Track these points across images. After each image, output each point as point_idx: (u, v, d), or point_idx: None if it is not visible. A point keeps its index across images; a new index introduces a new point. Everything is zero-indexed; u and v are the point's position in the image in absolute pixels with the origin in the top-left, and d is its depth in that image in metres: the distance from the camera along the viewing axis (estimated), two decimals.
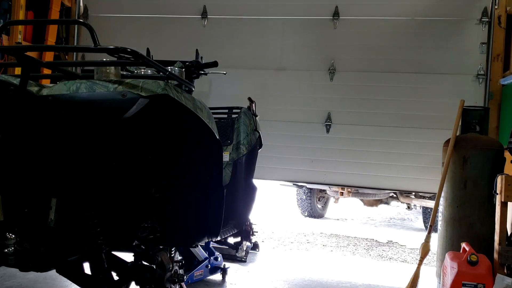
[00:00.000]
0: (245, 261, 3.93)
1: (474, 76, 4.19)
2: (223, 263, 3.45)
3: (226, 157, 2.85)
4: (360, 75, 4.38)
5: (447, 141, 3.17)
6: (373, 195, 6.38)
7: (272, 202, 8.69)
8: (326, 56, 4.44)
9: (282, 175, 4.81)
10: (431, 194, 6.01)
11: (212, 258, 3.32)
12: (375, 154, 4.41)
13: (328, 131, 4.53)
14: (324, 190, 6.92)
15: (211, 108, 2.24)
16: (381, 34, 4.32)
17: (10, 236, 1.80)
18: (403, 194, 6.27)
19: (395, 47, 4.31)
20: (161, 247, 2.11)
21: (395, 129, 4.38)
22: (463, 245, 2.72)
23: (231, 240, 3.94)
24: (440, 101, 4.22)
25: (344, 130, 4.47)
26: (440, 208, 3.13)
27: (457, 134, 3.18)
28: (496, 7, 4.31)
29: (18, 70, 3.53)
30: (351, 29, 4.38)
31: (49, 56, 4.66)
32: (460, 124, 3.20)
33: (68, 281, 2.01)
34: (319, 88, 4.48)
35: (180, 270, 2.11)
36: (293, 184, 6.80)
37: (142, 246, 2.08)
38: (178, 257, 2.21)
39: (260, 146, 3.21)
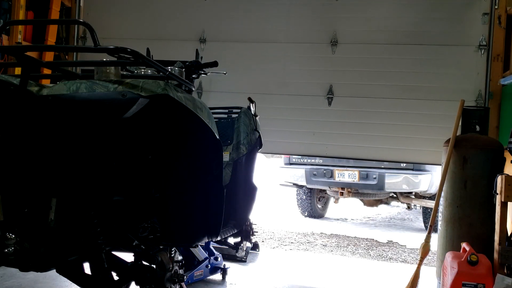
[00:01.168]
0: (245, 261, 3.93)
1: (476, 47, 4.18)
2: (223, 263, 3.45)
3: (226, 157, 2.85)
4: (362, 47, 4.38)
5: (447, 141, 3.17)
6: (373, 195, 6.38)
7: (272, 202, 8.69)
8: (328, 28, 4.43)
9: (284, 148, 4.85)
10: (431, 194, 6.02)
11: (212, 258, 3.32)
12: (377, 126, 4.42)
13: (330, 103, 4.54)
14: (324, 190, 6.92)
15: (211, 108, 2.24)
16: (383, 3, 4.31)
17: (10, 236, 1.80)
18: (403, 194, 6.27)
19: (397, 17, 4.29)
20: (161, 247, 2.11)
21: (397, 101, 4.38)
22: (463, 245, 2.72)
23: (231, 240, 3.94)
24: (442, 72, 4.22)
25: (346, 102, 4.48)
26: (440, 208, 3.13)
27: (457, 134, 3.18)
28: (496, 7, 4.31)
29: (18, 70, 3.53)
30: (352, 0, 4.38)
31: (49, 56, 4.66)
32: (460, 124, 3.20)
33: (68, 281, 2.01)
34: (321, 61, 4.48)
35: (180, 270, 2.12)
36: (293, 184, 6.81)
37: (142, 246, 2.08)
38: (178, 257, 2.21)
39: (260, 146, 3.21)
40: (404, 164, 5.78)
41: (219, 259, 3.40)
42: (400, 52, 4.32)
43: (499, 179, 2.68)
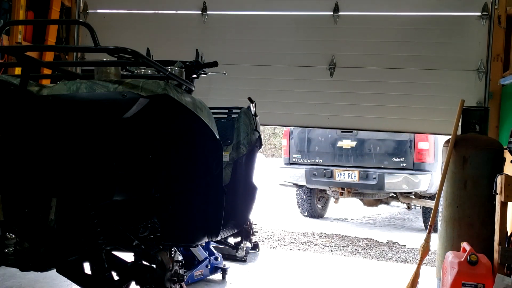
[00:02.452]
0: (245, 261, 3.93)
1: (478, 17, 4.20)
2: (223, 263, 3.45)
3: (226, 157, 2.85)
4: (364, 17, 4.38)
5: (447, 141, 3.18)
6: (373, 195, 6.38)
7: (272, 202, 8.70)
8: None
9: (286, 120, 4.87)
10: (431, 194, 6.02)
11: (212, 258, 3.32)
12: (379, 96, 4.43)
13: (332, 75, 4.54)
14: (324, 190, 6.92)
15: (211, 108, 2.24)
16: None
17: (10, 236, 1.80)
18: (403, 194, 6.27)
19: None
20: (161, 247, 2.11)
21: (399, 71, 4.39)
22: (463, 245, 2.72)
23: (231, 240, 3.94)
24: (443, 41, 4.24)
25: (348, 73, 4.48)
26: (440, 208, 3.13)
27: (457, 134, 3.18)
28: (496, 7, 4.31)
29: (18, 70, 3.53)
30: None
31: (49, 56, 4.66)
32: (460, 124, 3.20)
33: (68, 281, 2.01)
34: (323, 32, 4.48)
35: (180, 270, 2.12)
36: (293, 184, 6.82)
37: (142, 246, 2.08)
38: (178, 257, 2.21)
39: (260, 146, 3.21)
40: (404, 164, 5.79)
41: (219, 259, 3.40)
42: (403, 22, 4.34)
43: (499, 179, 2.68)
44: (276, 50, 4.59)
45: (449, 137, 3.19)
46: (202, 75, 2.85)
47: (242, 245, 3.95)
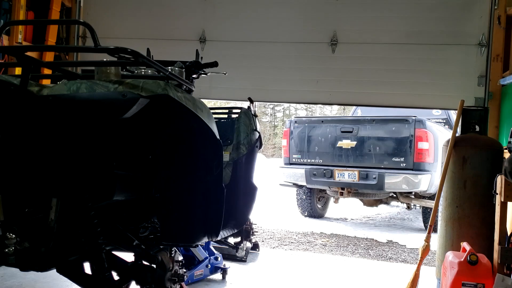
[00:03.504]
0: (245, 261, 3.93)
1: None
2: (223, 262, 3.45)
3: (226, 157, 2.85)
4: None
5: (447, 141, 3.18)
6: (373, 195, 6.38)
7: (272, 202, 8.70)
8: None
9: (288, 97, 4.92)
10: (431, 194, 6.03)
11: (212, 258, 3.32)
12: (382, 72, 4.46)
13: (333, 51, 4.54)
14: (324, 190, 6.92)
15: (211, 108, 2.24)
16: None
17: (11, 236, 1.80)
18: (403, 194, 6.27)
19: None
20: (161, 247, 2.11)
21: (401, 46, 4.42)
22: (463, 244, 2.72)
23: (231, 240, 3.95)
24: (445, 16, 4.27)
25: (350, 49, 4.49)
26: (440, 208, 3.14)
27: (457, 134, 3.18)
28: (496, 7, 4.32)
29: (18, 70, 3.54)
30: None
31: (49, 56, 4.66)
32: (460, 124, 3.20)
33: (68, 281, 2.01)
34: (324, 7, 4.49)
35: (180, 270, 2.12)
36: (293, 184, 6.82)
37: (142, 246, 2.08)
38: (178, 257, 2.21)
39: (260, 146, 3.21)
40: (404, 164, 5.78)
41: (219, 259, 3.40)
42: None
43: (498, 179, 2.68)
44: (276, 26, 4.59)
45: (449, 137, 3.19)
46: (202, 75, 2.85)
47: (242, 245, 3.95)
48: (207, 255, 3.29)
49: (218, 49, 4.86)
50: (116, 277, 2.02)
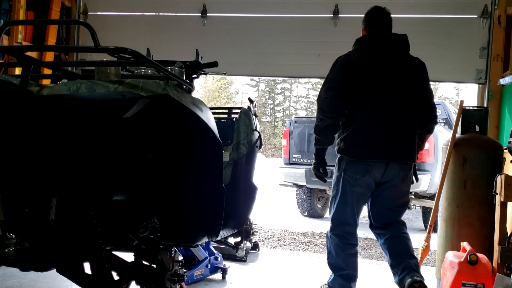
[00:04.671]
0: (245, 261, 3.93)
1: None
2: (223, 262, 3.45)
3: (226, 157, 2.85)
4: None
5: (447, 141, 3.18)
6: None
7: (272, 202, 8.70)
8: None
9: (289, 71, 4.94)
10: (431, 194, 6.02)
11: (212, 258, 3.32)
12: None
13: (335, 24, 4.53)
14: (324, 190, 6.92)
15: (211, 108, 2.24)
16: None
17: (10, 236, 1.81)
18: None
19: None
20: (161, 247, 2.11)
21: (403, 18, 4.40)
22: (463, 244, 2.72)
23: (231, 240, 3.95)
24: None
25: (353, 22, 4.47)
26: (440, 208, 3.14)
27: (457, 134, 3.18)
28: (496, 7, 4.32)
29: (18, 70, 3.54)
30: None
31: (49, 56, 4.67)
32: (460, 124, 3.20)
33: (68, 281, 2.01)
34: None
35: (180, 270, 2.12)
36: (293, 184, 6.82)
37: (142, 246, 2.08)
38: (178, 257, 2.21)
39: (260, 146, 3.21)
40: None
41: (219, 259, 3.40)
42: None
43: (498, 179, 2.68)
44: None
45: (449, 137, 3.19)
46: (202, 75, 2.85)
47: (242, 245, 3.95)
48: (207, 255, 3.29)
49: (219, 23, 4.88)
50: (116, 277, 2.02)
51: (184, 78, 2.31)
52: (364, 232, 6.09)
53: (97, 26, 5.24)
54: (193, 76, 2.65)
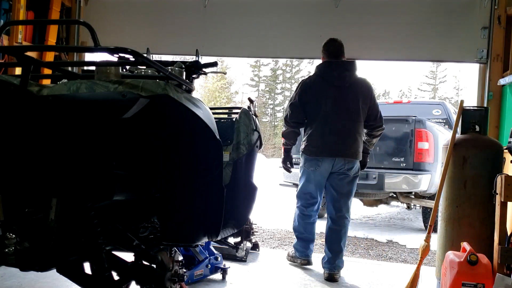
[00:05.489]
0: (245, 261, 3.93)
1: None
2: (223, 262, 3.45)
3: (226, 157, 2.85)
4: None
5: (447, 141, 3.18)
6: (372, 195, 6.38)
7: (272, 202, 8.70)
8: None
9: (290, 52, 4.96)
10: (431, 194, 6.03)
11: (212, 258, 3.32)
12: (386, 25, 4.52)
13: (337, 5, 4.56)
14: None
15: (211, 108, 2.24)
16: None
17: (10, 236, 1.80)
18: (403, 194, 6.27)
19: None
20: (161, 247, 2.11)
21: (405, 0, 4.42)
22: (463, 244, 2.72)
23: (231, 240, 3.95)
24: None
25: (353, 2, 4.50)
26: (440, 208, 3.14)
27: (457, 134, 3.18)
28: (496, 7, 4.32)
29: (18, 70, 3.54)
30: None
31: (49, 56, 4.67)
32: (460, 124, 3.20)
33: (69, 281, 2.01)
34: None
35: (180, 270, 2.12)
36: (293, 184, 6.81)
37: (142, 246, 2.08)
38: (178, 257, 2.21)
39: (260, 146, 3.21)
40: (404, 164, 5.79)
41: (219, 259, 3.40)
42: None
43: (498, 179, 2.68)
44: None
45: (449, 137, 3.19)
46: (202, 75, 2.85)
47: (242, 245, 3.95)
48: (207, 255, 3.29)
49: (220, 4, 4.88)
50: (116, 277, 2.02)
51: (184, 78, 2.31)
52: (364, 232, 6.09)
53: (97, 10, 5.28)
54: (193, 76, 2.65)
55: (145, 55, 1.80)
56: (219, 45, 4.92)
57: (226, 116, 3.57)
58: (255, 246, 4.35)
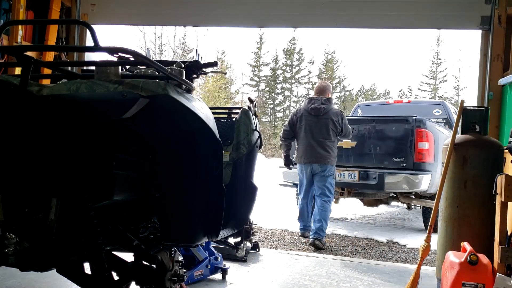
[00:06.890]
0: (245, 261, 3.93)
1: None
2: (223, 263, 3.45)
3: (226, 157, 2.85)
4: None
5: (447, 141, 3.17)
6: (373, 195, 6.38)
7: (272, 202, 8.70)
8: None
9: (291, 22, 4.90)
10: (431, 194, 6.03)
11: (212, 258, 3.32)
12: None
13: None
14: None
15: (211, 108, 2.23)
16: None
17: (10, 236, 1.80)
18: (403, 194, 6.27)
19: None
20: (161, 247, 2.11)
21: None
22: (463, 244, 2.72)
23: (231, 240, 3.95)
24: None
25: None
26: (440, 208, 3.13)
27: (457, 134, 3.18)
28: (496, 7, 4.31)
29: (18, 70, 3.54)
30: None
31: (49, 56, 4.67)
32: (460, 124, 3.20)
33: (68, 281, 2.01)
34: None
35: (180, 270, 2.12)
36: (293, 184, 6.81)
37: (142, 246, 2.08)
38: (178, 257, 2.21)
39: (260, 146, 3.21)
40: (404, 164, 5.78)
41: (219, 259, 3.40)
42: None
43: (499, 179, 2.68)
44: None
45: (449, 137, 3.18)
46: (202, 74, 2.85)
47: (242, 245, 3.95)
48: (207, 255, 3.29)
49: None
50: (116, 277, 2.02)
51: (184, 78, 2.31)
52: (364, 232, 6.09)
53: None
54: (193, 76, 2.65)
55: (145, 54, 1.80)
56: (223, 13, 4.82)
57: (226, 116, 3.57)
58: (255, 246, 4.34)
